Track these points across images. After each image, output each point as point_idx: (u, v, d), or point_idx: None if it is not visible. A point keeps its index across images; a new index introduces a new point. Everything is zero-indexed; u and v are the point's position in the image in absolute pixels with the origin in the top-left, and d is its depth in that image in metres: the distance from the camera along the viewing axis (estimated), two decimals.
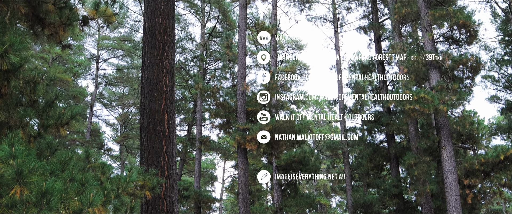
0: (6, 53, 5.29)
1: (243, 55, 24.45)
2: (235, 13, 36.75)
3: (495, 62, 33.79)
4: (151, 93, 9.08)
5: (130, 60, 45.96)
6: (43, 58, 35.30)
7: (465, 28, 21.74)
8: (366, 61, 30.00)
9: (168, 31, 9.45)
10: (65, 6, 8.06)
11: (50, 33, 7.93)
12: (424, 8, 21.61)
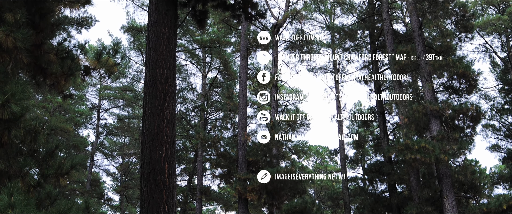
0: (8, 102, 5.31)
1: (244, 105, 24.53)
2: (236, 64, 37.04)
3: (495, 111, 33.86)
4: (152, 143, 9.06)
5: (131, 110, 46.08)
6: (45, 107, 35.40)
7: (465, 78, 21.85)
8: (367, 111, 30.08)
9: (169, 82, 9.49)
10: (67, 56, 8.14)
11: (52, 83, 7.98)
12: (423, 59, 21.80)
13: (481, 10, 34.76)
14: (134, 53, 38.55)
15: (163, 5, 9.92)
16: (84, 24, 28.72)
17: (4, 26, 6.82)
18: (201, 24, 12.25)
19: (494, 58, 34.86)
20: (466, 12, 23.65)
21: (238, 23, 29.42)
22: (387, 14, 25.68)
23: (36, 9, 7.85)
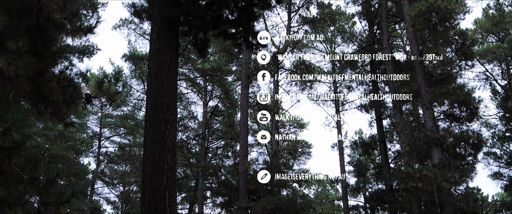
0: (9, 130, 5.32)
1: (245, 133, 24.52)
2: (237, 92, 37.14)
3: (497, 139, 33.82)
4: (153, 172, 9.03)
5: (132, 138, 46.04)
6: (46, 135, 35.39)
7: (466, 106, 21.86)
8: (368, 140, 30.04)
9: (170, 110, 9.51)
10: (69, 84, 8.17)
11: (53, 111, 8.00)
12: (424, 86, 21.83)
13: (481, 38, 34.95)
14: (136, 82, 38.69)
15: (165, 34, 9.98)
16: (86, 52, 28.89)
17: (6, 54, 6.86)
18: (202, 53, 12.31)
19: (494, 86, 34.95)
20: (466, 40, 23.77)
21: (239, 51, 29.56)
22: (387, 43, 25.81)
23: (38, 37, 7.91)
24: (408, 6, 23.22)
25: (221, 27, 11.65)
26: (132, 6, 11.91)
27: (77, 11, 9.10)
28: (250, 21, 11.70)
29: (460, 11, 21.75)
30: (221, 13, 11.29)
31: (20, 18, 7.71)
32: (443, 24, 22.33)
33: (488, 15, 34.32)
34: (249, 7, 11.41)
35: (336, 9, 33.99)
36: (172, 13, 9.98)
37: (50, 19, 8.26)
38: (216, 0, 10.83)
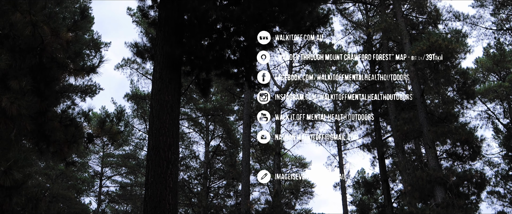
0: (10, 169, 5.31)
1: (247, 173, 24.42)
2: (239, 132, 37.13)
3: (500, 178, 33.63)
4: (154, 212, 8.96)
5: (134, 178, 45.86)
6: (47, 174, 35.25)
7: (468, 145, 21.80)
8: (370, 179, 29.89)
9: (172, 149, 9.48)
10: (71, 124, 8.18)
11: (55, 150, 7.99)
12: (426, 125, 21.81)
13: (482, 77, 35.07)
14: (138, 121, 38.72)
15: (167, 74, 10.03)
16: (89, 92, 29.01)
17: (9, 94, 6.89)
18: (204, 92, 12.35)
19: (497, 125, 34.91)
20: (467, 79, 23.85)
21: (241, 91, 29.66)
22: (389, 82, 25.91)
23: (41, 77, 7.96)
24: (409, 45, 23.38)
25: (223, 67, 11.70)
26: (135, 46, 12.00)
27: (80, 51, 9.18)
28: (252, 61, 11.76)
29: (461, 51, 21.88)
30: (223, 53, 11.36)
31: (23, 57, 7.77)
32: (444, 64, 22.43)
33: (489, 54, 34.51)
34: (251, 47, 11.49)
35: (337, 49, 34.25)
36: (174, 53, 10.04)
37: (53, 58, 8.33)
38: (218, 40, 10.91)
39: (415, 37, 25.57)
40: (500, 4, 30.43)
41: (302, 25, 10.73)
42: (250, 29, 10.37)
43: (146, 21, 12.29)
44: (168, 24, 10.42)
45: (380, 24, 24.33)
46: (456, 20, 28.32)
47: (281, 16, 10.55)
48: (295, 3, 9.89)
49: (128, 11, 33.54)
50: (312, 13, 10.69)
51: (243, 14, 9.84)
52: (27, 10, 7.35)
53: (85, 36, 28.20)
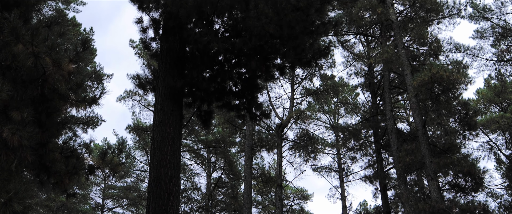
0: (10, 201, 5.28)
1: (248, 205, 24.27)
2: (240, 164, 37.01)
3: (503, 209, 33.34)
4: None
5: (135, 210, 45.55)
6: (48, 206, 35.04)
7: (471, 176, 21.71)
8: (373, 211, 29.68)
9: (173, 181, 9.44)
10: (72, 155, 8.17)
11: (56, 181, 7.97)
12: (428, 157, 21.73)
13: (484, 108, 35.07)
14: (139, 153, 38.65)
15: (169, 106, 10.04)
16: (90, 123, 29.00)
17: (10, 125, 6.90)
18: (206, 124, 12.36)
19: (499, 156, 34.76)
20: (468, 110, 23.86)
21: (243, 123, 29.66)
22: (390, 114, 25.91)
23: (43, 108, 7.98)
24: (410, 77, 23.44)
25: (224, 99, 11.73)
26: (137, 77, 12.05)
27: (82, 82, 9.21)
28: (253, 93, 11.79)
29: (462, 82, 21.92)
30: (225, 85, 11.39)
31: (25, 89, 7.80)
32: (445, 95, 22.47)
33: (490, 85, 34.57)
34: (253, 79, 11.53)
35: (339, 80, 34.36)
36: (176, 85, 10.07)
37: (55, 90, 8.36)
38: (220, 72, 10.96)
39: (416, 68, 25.65)
40: (500, 36, 30.59)
41: (303, 57, 10.78)
42: (252, 61, 10.42)
43: (148, 53, 12.36)
44: (170, 56, 10.48)
45: (381, 56, 24.45)
46: (457, 51, 28.48)
47: (282, 48, 10.61)
48: (296, 35, 9.95)
49: (131, 43, 33.79)
50: (313, 45, 10.75)
51: (245, 46, 9.90)
52: (29, 42, 7.40)
53: (87, 68, 28.33)
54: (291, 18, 9.31)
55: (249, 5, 9.44)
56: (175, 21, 9.98)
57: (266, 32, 9.46)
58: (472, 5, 30.49)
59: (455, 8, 27.78)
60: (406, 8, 27.78)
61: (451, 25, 28.60)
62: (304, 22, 9.68)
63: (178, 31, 10.33)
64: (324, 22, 10.40)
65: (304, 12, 9.40)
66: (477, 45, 31.52)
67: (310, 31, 10.22)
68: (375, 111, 30.34)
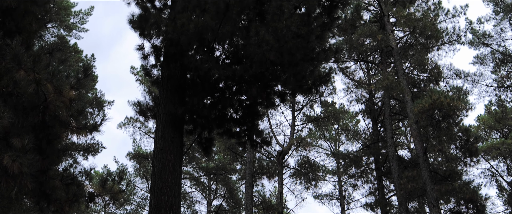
0: None
1: None
2: (241, 191, 36.85)
3: None
4: None
5: None
6: None
7: (473, 203, 21.59)
8: None
9: (174, 209, 9.39)
10: (72, 182, 8.14)
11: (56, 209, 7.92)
12: (429, 184, 21.63)
13: (485, 135, 35.02)
14: (140, 180, 38.49)
15: (170, 133, 10.03)
16: (91, 150, 28.97)
17: (11, 151, 6.89)
18: (207, 151, 12.34)
19: (501, 183, 34.60)
20: (470, 137, 23.83)
21: (243, 150, 29.59)
22: (391, 141, 25.87)
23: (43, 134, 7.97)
24: (410, 103, 23.46)
25: (225, 126, 11.72)
26: (138, 104, 12.06)
27: (83, 109, 9.22)
28: (254, 120, 11.79)
29: (463, 108, 21.94)
30: (226, 112, 11.40)
31: (26, 115, 7.81)
32: (446, 121, 22.47)
33: (491, 112, 34.58)
34: (253, 106, 11.54)
35: (339, 107, 34.37)
36: (177, 112, 10.08)
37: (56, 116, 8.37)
38: (221, 99, 10.97)
39: (417, 95, 25.70)
40: (500, 62, 30.70)
41: (304, 84, 10.80)
42: (252, 88, 10.44)
43: (149, 80, 12.40)
44: (171, 83, 10.51)
45: (381, 82, 24.50)
46: (457, 77, 28.54)
47: (283, 75, 10.63)
48: (297, 62, 9.98)
49: (132, 70, 33.89)
50: (314, 72, 10.77)
51: (245, 73, 9.93)
52: (31, 68, 7.43)
53: (88, 95, 28.41)
54: (292, 45, 9.35)
55: (249, 32, 9.49)
56: (176, 48, 10.03)
57: (267, 59, 9.49)
58: (471, 31, 30.66)
59: (455, 34, 27.91)
60: (406, 35, 27.91)
61: (451, 51, 28.73)
62: (304, 49, 9.72)
63: (179, 58, 10.37)
64: (325, 49, 10.44)
65: (305, 39, 9.45)
66: (477, 71, 31.65)
67: (311, 58, 10.25)
68: (376, 137, 30.30)
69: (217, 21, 9.20)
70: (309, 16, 9.44)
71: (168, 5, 11.69)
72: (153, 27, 10.38)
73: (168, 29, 9.97)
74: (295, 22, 9.25)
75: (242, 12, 9.81)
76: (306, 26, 9.34)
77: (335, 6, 10.02)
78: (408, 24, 25.81)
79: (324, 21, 9.98)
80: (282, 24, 9.29)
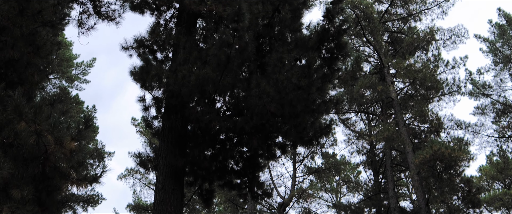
0: None
1: None
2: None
3: None
4: None
5: None
6: None
7: None
8: None
9: None
10: None
11: None
12: None
13: (487, 185, 34.77)
14: None
15: (170, 184, 9.99)
16: (91, 202, 28.76)
17: (10, 203, 6.84)
18: (207, 203, 12.27)
19: None
20: (472, 188, 23.65)
21: (244, 202, 29.40)
22: (393, 192, 25.69)
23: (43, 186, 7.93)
24: (412, 154, 23.40)
25: (226, 178, 11.68)
26: (138, 156, 12.05)
27: (84, 160, 9.21)
28: (255, 171, 11.76)
29: (465, 159, 21.85)
30: (227, 163, 11.37)
31: (26, 166, 7.80)
32: (448, 172, 22.35)
33: (493, 162, 34.43)
34: (254, 158, 11.51)
35: (340, 159, 34.27)
36: (177, 163, 10.06)
37: (56, 168, 8.35)
38: (222, 151, 10.96)
39: (418, 146, 25.66)
40: (501, 112, 30.78)
41: (305, 135, 10.80)
42: (253, 140, 10.44)
43: (150, 132, 12.42)
44: (172, 134, 10.52)
45: (382, 134, 24.49)
46: (458, 128, 28.55)
47: (284, 126, 10.65)
48: (298, 114, 10.01)
49: (132, 121, 33.96)
50: (314, 124, 10.80)
51: (246, 125, 9.95)
52: (32, 119, 7.46)
53: (89, 146, 28.38)
54: (293, 96, 9.40)
55: (250, 83, 9.55)
56: (177, 99, 10.07)
57: (268, 111, 9.53)
58: (471, 82, 30.84)
59: (455, 85, 28.06)
60: (406, 86, 28.07)
61: (452, 102, 28.84)
62: (305, 101, 9.76)
63: (180, 109, 10.41)
64: (326, 100, 10.49)
65: (306, 91, 9.50)
66: (478, 122, 31.68)
67: (312, 109, 10.29)
68: (377, 189, 30.12)
69: (218, 73, 9.27)
70: (309, 68, 9.52)
71: (170, 57, 11.81)
72: (154, 79, 10.45)
73: (169, 81, 10.04)
74: (295, 74, 9.32)
75: (243, 64, 9.89)
76: (306, 78, 9.41)
77: (336, 58, 10.12)
78: (408, 76, 25.96)
79: (325, 73, 10.06)
80: (283, 76, 9.36)
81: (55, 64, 27.21)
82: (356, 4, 26.86)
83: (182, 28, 11.16)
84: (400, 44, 29.83)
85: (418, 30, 29.42)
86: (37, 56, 9.95)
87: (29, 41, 9.85)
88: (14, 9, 8.87)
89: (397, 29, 31.78)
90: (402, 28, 31.50)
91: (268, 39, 10.37)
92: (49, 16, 10.47)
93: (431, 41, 28.63)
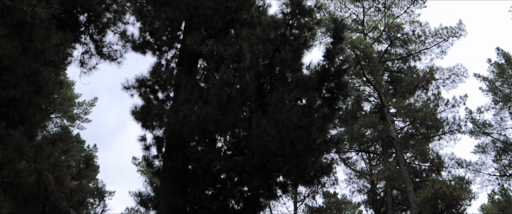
0: None
1: None
2: None
3: None
4: None
5: None
6: None
7: None
8: None
9: None
10: None
11: None
12: None
13: None
14: None
15: None
16: None
17: None
18: None
19: None
20: None
21: None
22: None
23: None
24: (413, 193, 23.30)
25: None
26: (139, 195, 12.01)
27: (84, 199, 9.16)
28: (256, 211, 11.68)
29: (466, 197, 21.76)
30: (227, 203, 11.31)
31: (26, 206, 7.78)
32: (450, 211, 22.22)
33: (494, 201, 34.21)
34: (255, 197, 11.45)
35: (341, 198, 34.07)
36: (178, 203, 10.01)
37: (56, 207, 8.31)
38: (222, 190, 10.92)
39: (419, 184, 25.57)
40: (502, 150, 30.73)
41: (306, 175, 10.77)
42: (254, 179, 10.42)
43: (151, 171, 12.41)
44: (172, 174, 10.50)
45: (383, 173, 24.43)
46: (459, 167, 28.45)
47: (285, 166, 10.63)
48: (299, 153, 10.01)
49: (133, 161, 33.87)
50: (315, 163, 10.78)
51: (247, 164, 9.94)
52: (33, 159, 7.46)
53: (89, 185, 28.26)
54: (293, 136, 9.41)
55: (251, 123, 9.58)
56: (178, 139, 10.09)
57: (269, 151, 9.53)
58: (472, 120, 30.87)
59: (455, 124, 28.10)
60: (407, 125, 28.11)
61: (452, 140, 28.85)
62: (306, 140, 9.77)
63: (181, 149, 10.42)
64: (326, 140, 10.50)
65: (306, 130, 9.52)
66: (479, 160, 31.60)
67: (312, 149, 10.29)
68: None
69: (219, 112, 9.31)
70: (310, 108, 9.56)
71: (171, 97, 11.87)
72: (156, 118, 10.49)
73: (170, 120, 10.08)
74: (296, 114, 9.36)
75: (244, 104, 9.94)
76: (307, 118, 9.44)
77: (336, 97, 10.17)
78: (408, 115, 26.03)
79: (325, 112, 10.08)
80: (284, 115, 9.40)
81: (57, 104, 27.31)
82: (356, 44, 27.08)
83: (183, 68, 11.26)
84: (400, 84, 30.00)
85: (417, 69, 29.63)
86: (39, 95, 9.99)
87: (31, 81, 9.91)
88: (16, 49, 8.95)
89: (397, 69, 31.99)
90: (402, 68, 31.71)
91: (268, 79, 10.45)
92: (51, 56, 10.54)
93: (430, 80, 28.81)
